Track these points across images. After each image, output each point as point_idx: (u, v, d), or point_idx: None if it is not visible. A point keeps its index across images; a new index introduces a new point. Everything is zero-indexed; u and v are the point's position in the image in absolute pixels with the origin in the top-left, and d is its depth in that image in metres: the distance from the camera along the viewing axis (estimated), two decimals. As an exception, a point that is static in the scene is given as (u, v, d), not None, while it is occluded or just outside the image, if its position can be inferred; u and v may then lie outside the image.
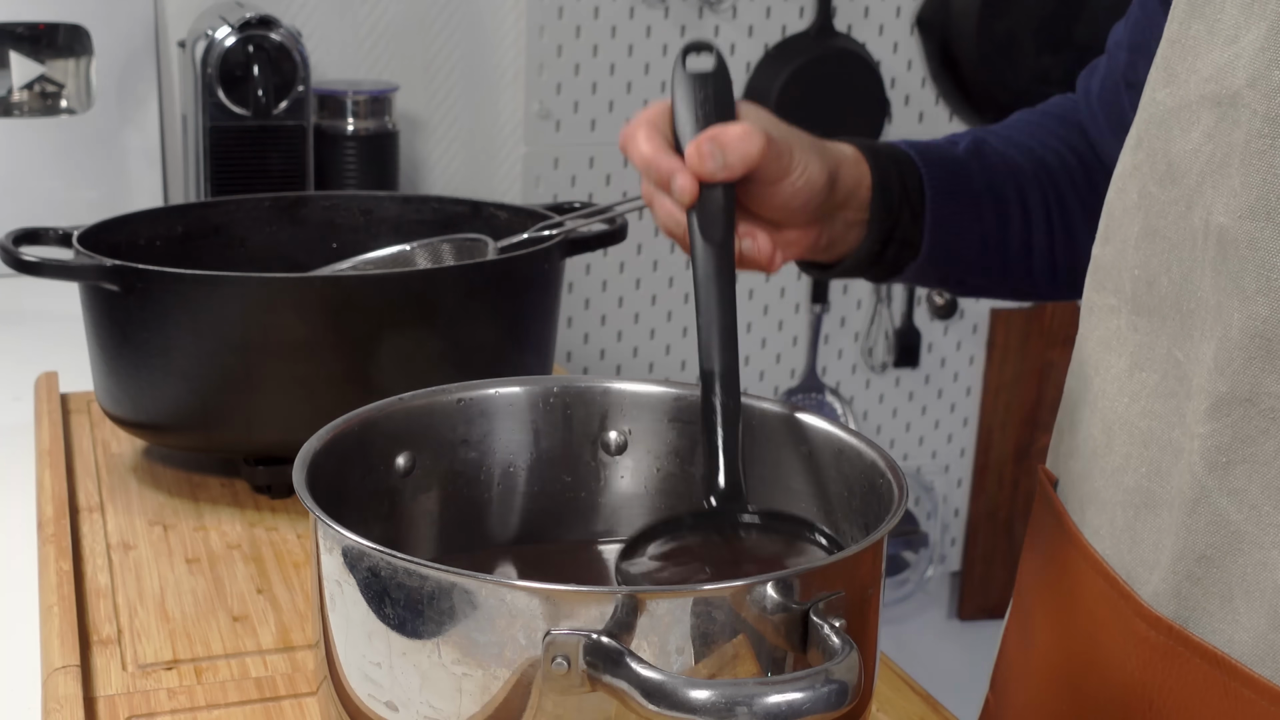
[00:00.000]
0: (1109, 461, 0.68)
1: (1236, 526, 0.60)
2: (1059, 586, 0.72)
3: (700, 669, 0.52)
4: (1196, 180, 0.61)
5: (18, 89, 1.67)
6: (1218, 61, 0.60)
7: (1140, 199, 0.65)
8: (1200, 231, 0.61)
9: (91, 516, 0.98)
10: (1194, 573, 0.62)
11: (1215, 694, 0.61)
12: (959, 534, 2.24)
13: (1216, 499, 0.60)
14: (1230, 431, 0.59)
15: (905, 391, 2.15)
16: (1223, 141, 0.59)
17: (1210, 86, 0.60)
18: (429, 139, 1.87)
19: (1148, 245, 0.65)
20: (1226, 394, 0.59)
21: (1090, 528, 0.70)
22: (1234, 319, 0.58)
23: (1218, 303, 0.60)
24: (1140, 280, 0.65)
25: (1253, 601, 0.59)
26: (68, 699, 0.73)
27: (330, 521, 0.55)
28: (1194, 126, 0.61)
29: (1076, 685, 0.70)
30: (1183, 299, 0.62)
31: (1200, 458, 0.61)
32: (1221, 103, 0.59)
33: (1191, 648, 0.62)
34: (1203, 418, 0.60)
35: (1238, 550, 0.60)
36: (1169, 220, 0.63)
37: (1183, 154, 0.62)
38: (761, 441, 0.69)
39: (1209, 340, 0.60)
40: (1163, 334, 0.64)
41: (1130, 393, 0.66)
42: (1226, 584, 0.60)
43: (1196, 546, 0.61)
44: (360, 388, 0.89)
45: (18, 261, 0.99)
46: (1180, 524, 0.62)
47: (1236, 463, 0.59)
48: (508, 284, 1.01)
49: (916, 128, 2.00)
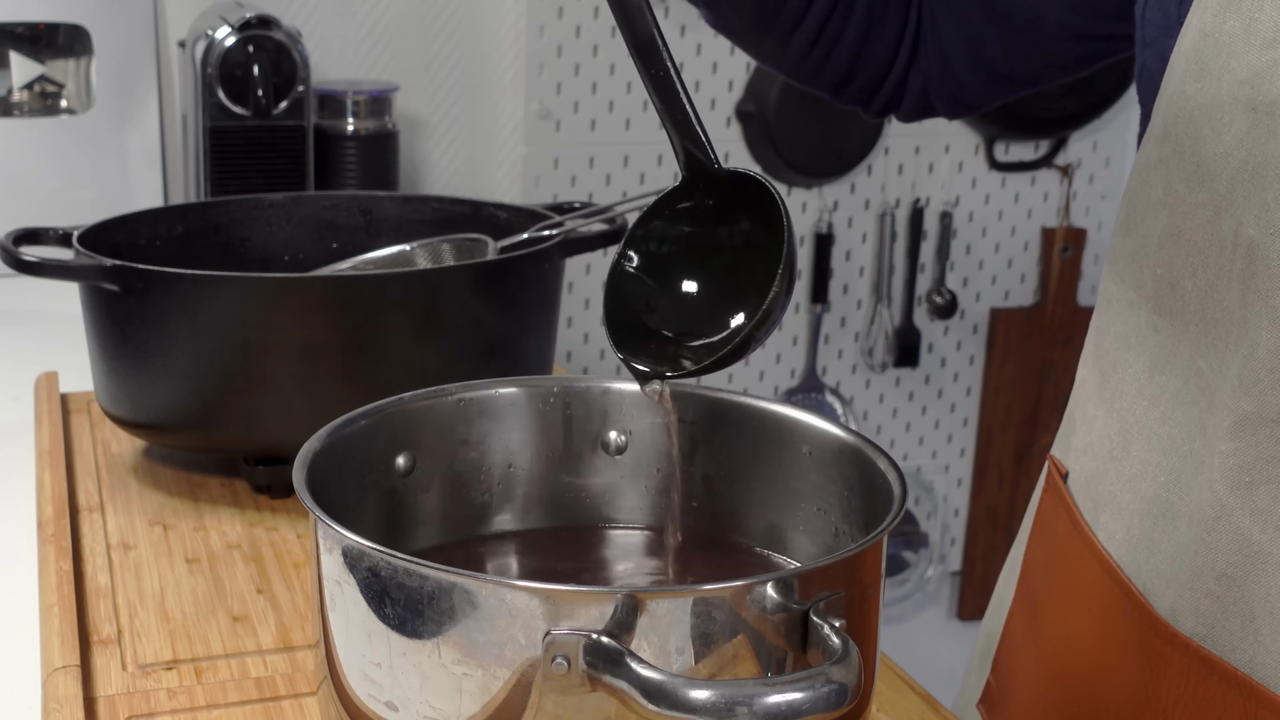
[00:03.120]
0: (1126, 466, 0.67)
1: (1260, 547, 0.58)
2: (1069, 583, 0.72)
3: (700, 669, 0.52)
4: (1227, 186, 0.59)
5: (18, 89, 1.67)
6: (1254, 65, 0.58)
7: (1165, 195, 0.64)
8: (1229, 241, 0.59)
9: (91, 516, 0.98)
10: (1214, 591, 0.60)
11: (1234, 716, 0.60)
12: (959, 534, 2.24)
13: (1238, 518, 0.59)
14: (1254, 451, 0.58)
15: (905, 391, 2.15)
16: (1257, 150, 0.58)
17: (1245, 90, 0.58)
18: (429, 139, 1.87)
19: (1172, 246, 0.63)
20: (1252, 413, 0.58)
21: (1105, 531, 0.69)
22: (1262, 337, 0.57)
23: (1244, 317, 0.58)
24: (1162, 280, 0.64)
25: (1276, 623, 0.58)
26: (68, 699, 0.73)
27: (330, 521, 0.55)
28: (1226, 129, 0.59)
29: (1086, 688, 0.69)
30: (1207, 307, 0.61)
31: (1222, 475, 0.59)
32: (1258, 109, 0.58)
33: (1210, 667, 0.61)
34: (1225, 435, 0.59)
35: (1261, 571, 0.59)
36: (1195, 224, 0.61)
37: (1213, 156, 0.60)
38: (762, 441, 0.70)
39: (1234, 355, 0.59)
40: (1185, 340, 0.63)
41: (1149, 396, 0.65)
42: (1248, 604, 0.59)
43: (1217, 564, 0.60)
44: (360, 388, 0.89)
45: (18, 261, 0.99)
46: (1200, 540, 0.61)
47: (1260, 483, 0.58)
48: (508, 284, 1.01)
49: (917, 127, 2.00)
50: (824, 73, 0.88)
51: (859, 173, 2.03)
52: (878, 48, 0.87)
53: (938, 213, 2.08)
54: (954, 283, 2.12)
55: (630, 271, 0.67)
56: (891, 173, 2.05)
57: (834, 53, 0.87)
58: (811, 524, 0.69)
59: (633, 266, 0.67)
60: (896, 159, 2.05)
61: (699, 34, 1.86)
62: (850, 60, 0.87)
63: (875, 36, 0.87)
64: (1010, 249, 2.15)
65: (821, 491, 0.68)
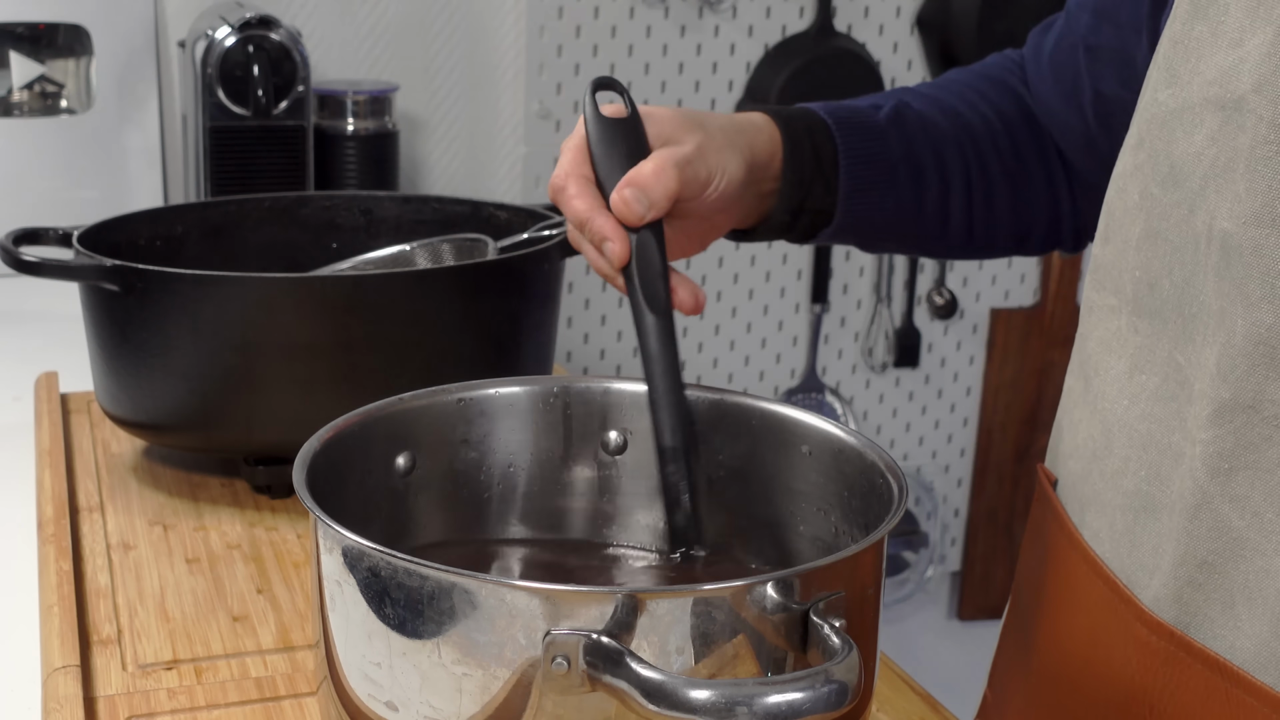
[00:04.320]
0: (1108, 464, 0.68)
1: (1239, 533, 0.59)
2: (1058, 587, 0.72)
3: (700, 669, 0.52)
4: (1199, 184, 0.61)
5: (18, 89, 1.67)
6: (1222, 65, 0.60)
7: (1142, 200, 0.65)
8: (1203, 236, 0.60)
9: (91, 516, 0.98)
10: (1195, 578, 0.61)
11: (1217, 700, 0.61)
12: (959, 534, 2.24)
13: (1219, 505, 0.60)
14: (1233, 438, 0.59)
15: (905, 391, 2.15)
16: (1227, 146, 0.59)
17: (1214, 90, 0.60)
18: (429, 139, 1.87)
19: (1149, 247, 0.65)
20: (1229, 401, 0.59)
21: (1090, 530, 0.69)
22: (1237, 325, 0.58)
23: (1220, 308, 0.59)
24: (1141, 282, 0.65)
25: (1255, 608, 0.59)
26: (68, 699, 0.73)
27: (330, 521, 0.55)
28: (1197, 129, 0.61)
29: (1076, 686, 0.70)
30: (1184, 303, 0.62)
31: (1202, 464, 0.60)
32: (1226, 107, 0.59)
33: (1193, 654, 0.62)
34: (1205, 424, 0.60)
35: (1240, 557, 0.59)
36: (1171, 223, 0.63)
37: (1185, 156, 0.62)
38: (762, 441, 0.70)
39: (1211, 345, 0.60)
40: (1164, 337, 0.64)
41: (1130, 395, 0.66)
42: (1229, 590, 0.60)
43: (1198, 552, 0.61)
44: (360, 388, 0.89)
45: (18, 261, 0.99)
46: (1181, 529, 0.62)
47: (1239, 469, 0.59)
48: (508, 284, 1.01)
49: (916, 128, 2.00)
50: (997, 243, 0.92)
51: (859, 173, 2.03)
52: (1037, 202, 0.91)
53: (938, 213, 2.08)
54: (954, 283, 2.12)
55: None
56: (891, 173, 2.05)
57: (996, 228, 0.91)
58: (811, 524, 0.69)
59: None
60: (896, 159, 2.04)
61: (699, 34, 1.86)
62: (1014, 223, 0.91)
63: (1027, 195, 0.91)
64: (1010, 249, 2.15)
65: (821, 491, 0.68)
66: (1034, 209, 0.91)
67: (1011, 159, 0.89)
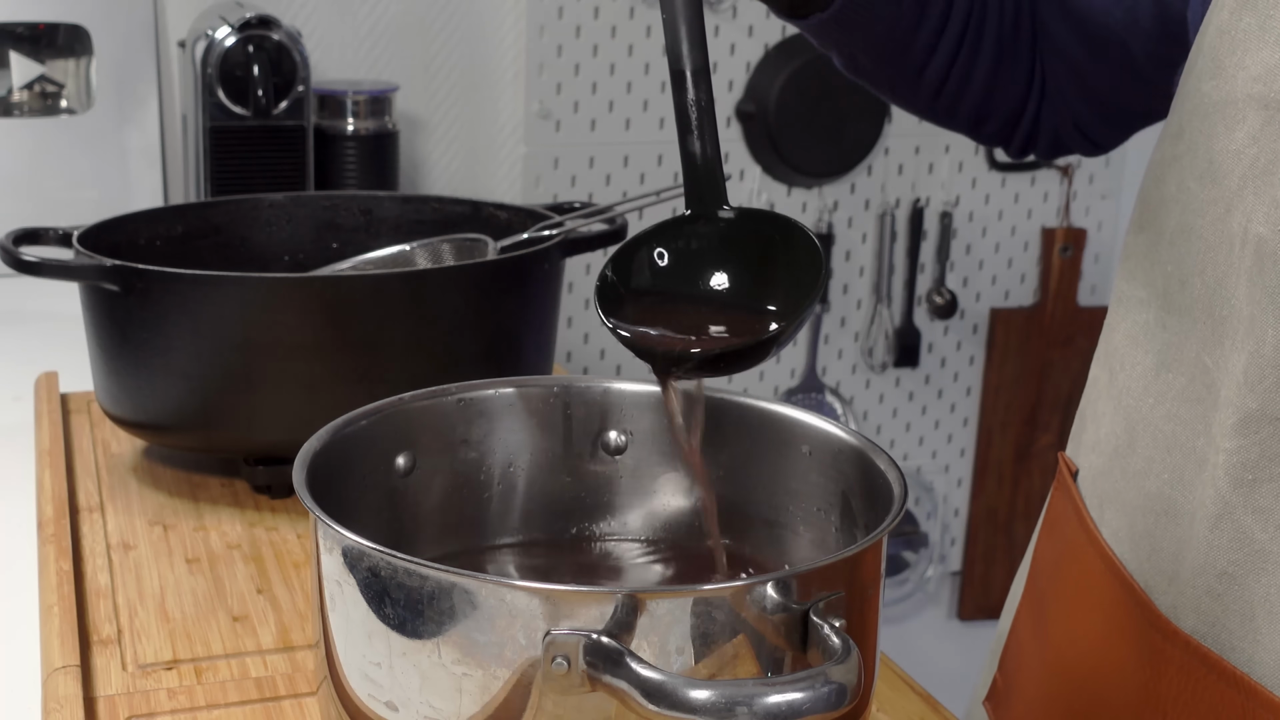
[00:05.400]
0: (1131, 463, 0.67)
1: (1261, 545, 0.58)
2: (1074, 581, 0.72)
3: (700, 669, 0.52)
4: (1238, 183, 0.59)
5: (18, 89, 1.67)
6: (1268, 61, 0.58)
7: (1178, 192, 0.64)
8: (1238, 238, 0.59)
9: (91, 516, 0.98)
10: (1215, 588, 0.60)
11: (1233, 714, 0.60)
12: (959, 534, 2.24)
13: (1241, 516, 0.59)
14: (1258, 449, 0.58)
15: (905, 391, 2.15)
16: (1268, 147, 0.58)
17: (1258, 87, 0.58)
18: (429, 139, 1.87)
19: (1183, 243, 0.63)
20: (1256, 411, 0.58)
21: (1109, 528, 0.69)
22: (1268, 334, 0.57)
23: (1251, 315, 0.58)
24: (1172, 278, 0.64)
25: (1275, 622, 0.58)
26: (68, 699, 0.73)
27: (330, 521, 0.55)
28: (1239, 126, 0.59)
29: (1089, 686, 0.70)
30: (1215, 304, 0.61)
31: (1225, 473, 0.59)
32: (1270, 105, 0.58)
33: (1209, 665, 0.61)
34: (1230, 432, 0.59)
35: (1261, 570, 0.58)
36: (1206, 220, 0.61)
37: (1225, 153, 0.60)
38: (761, 441, 0.69)
39: (1240, 352, 0.59)
40: (1192, 337, 0.63)
41: (1156, 394, 0.65)
42: (1248, 603, 0.59)
43: (1218, 562, 0.60)
44: (360, 388, 0.89)
45: (18, 261, 0.99)
46: (1202, 538, 0.61)
47: (1263, 481, 0.58)
48: (508, 284, 1.01)
49: (917, 128, 2.01)
50: (958, 112, 0.90)
51: (859, 173, 2.03)
52: (1009, 86, 0.89)
53: (938, 213, 2.08)
54: (954, 283, 2.12)
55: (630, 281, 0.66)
56: (891, 173, 2.05)
57: (965, 92, 0.88)
58: (811, 524, 0.69)
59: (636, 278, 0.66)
60: (896, 159, 2.05)
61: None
62: (983, 98, 0.89)
63: (1005, 75, 0.88)
64: (1010, 249, 2.15)
65: (821, 491, 0.68)
66: (1004, 93, 0.89)
67: (1010, 29, 0.87)
